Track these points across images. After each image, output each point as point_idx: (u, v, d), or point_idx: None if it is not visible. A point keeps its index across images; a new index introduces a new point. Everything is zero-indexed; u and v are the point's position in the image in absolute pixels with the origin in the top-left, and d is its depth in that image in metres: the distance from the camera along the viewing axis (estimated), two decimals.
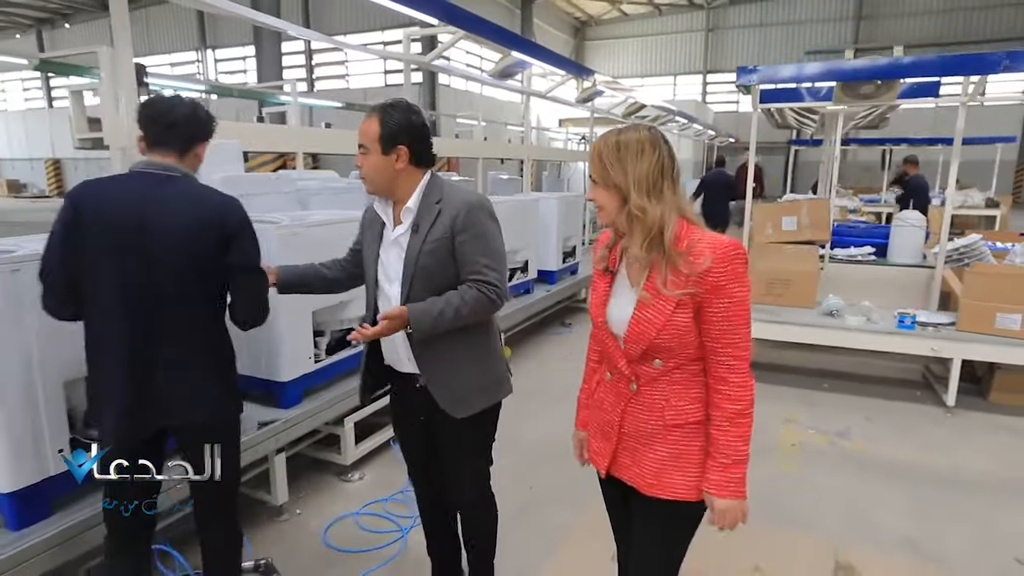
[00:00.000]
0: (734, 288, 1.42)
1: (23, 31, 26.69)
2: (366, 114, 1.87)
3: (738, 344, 1.45)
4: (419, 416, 2.04)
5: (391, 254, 1.93)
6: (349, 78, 21.58)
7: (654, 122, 12.12)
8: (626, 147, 1.46)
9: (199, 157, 1.89)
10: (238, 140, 4.86)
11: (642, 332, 1.48)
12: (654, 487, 1.54)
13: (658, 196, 1.45)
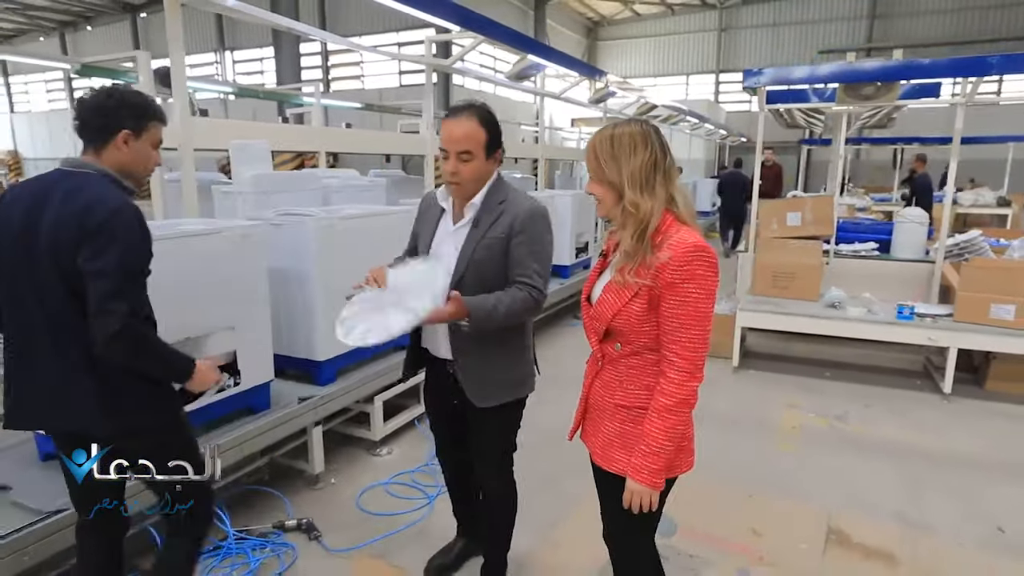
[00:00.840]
0: (688, 288, 1.45)
1: (47, 34, 27.26)
2: (454, 118, 1.88)
3: (684, 343, 1.48)
4: (451, 399, 2.13)
5: (446, 245, 2.01)
6: (364, 79, 21.88)
7: (665, 122, 12.31)
8: (619, 143, 1.50)
9: (131, 148, 1.73)
10: (266, 140, 5.16)
11: (602, 313, 1.59)
12: (600, 458, 1.69)
13: (651, 191, 1.51)
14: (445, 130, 1.90)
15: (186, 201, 3.41)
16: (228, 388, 2.73)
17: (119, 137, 1.71)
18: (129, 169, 1.76)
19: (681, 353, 1.48)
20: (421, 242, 2.11)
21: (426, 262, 1.97)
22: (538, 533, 2.84)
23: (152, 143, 1.79)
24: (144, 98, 1.79)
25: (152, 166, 1.83)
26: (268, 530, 2.76)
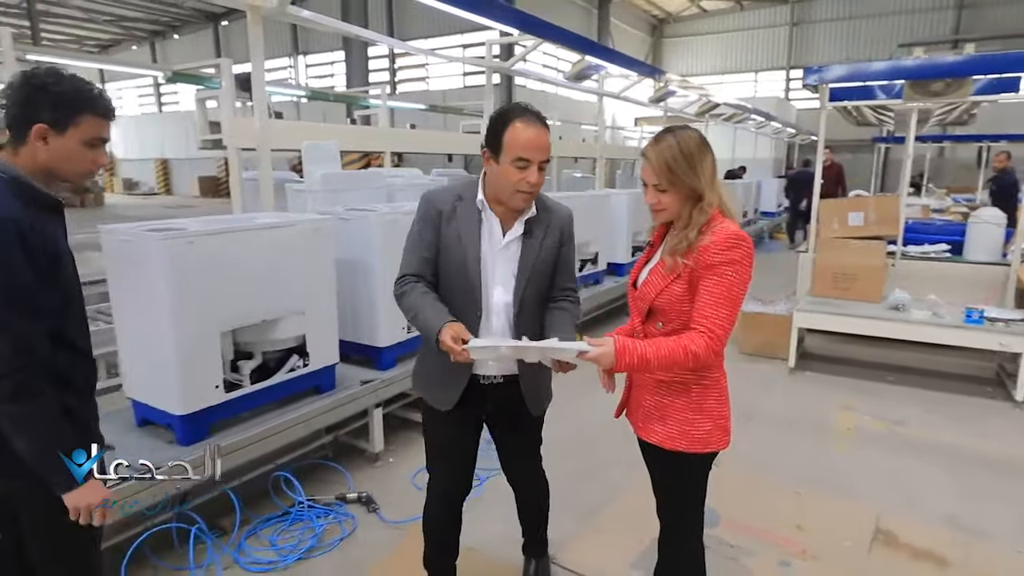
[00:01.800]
0: (726, 270, 1.59)
1: (139, 43, 29.21)
2: (537, 125, 1.74)
3: (714, 319, 1.58)
4: (480, 414, 2.06)
5: (500, 258, 1.86)
6: (429, 80, 22.41)
7: (728, 121, 12.11)
8: (689, 152, 1.62)
9: (52, 146, 1.43)
10: (335, 141, 5.47)
11: (646, 293, 1.73)
12: (640, 429, 1.82)
13: (715, 189, 1.66)
14: (531, 137, 1.71)
15: (263, 197, 3.70)
16: (298, 368, 2.98)
17: (35, 132, 1.41)
18: (53, 170, 1.46)
19: (710, 327, 1.58)
20: (468, 256, 1.83)
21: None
22: (582, 518, 2.96)
23: (84, 140, 1.46)
24: (74, 85, 1.44)
25: (89, 167, 1.51)
26: (332, 501, 2.99)
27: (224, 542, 2.65)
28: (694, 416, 1.72)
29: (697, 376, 1.71)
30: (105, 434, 2.65)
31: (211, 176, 25.10)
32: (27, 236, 1.37)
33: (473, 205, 1.86)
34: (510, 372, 1.96)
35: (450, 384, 1.93)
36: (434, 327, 1.72)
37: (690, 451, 1.72)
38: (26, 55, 5.83)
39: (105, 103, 1.50)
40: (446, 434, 2.06)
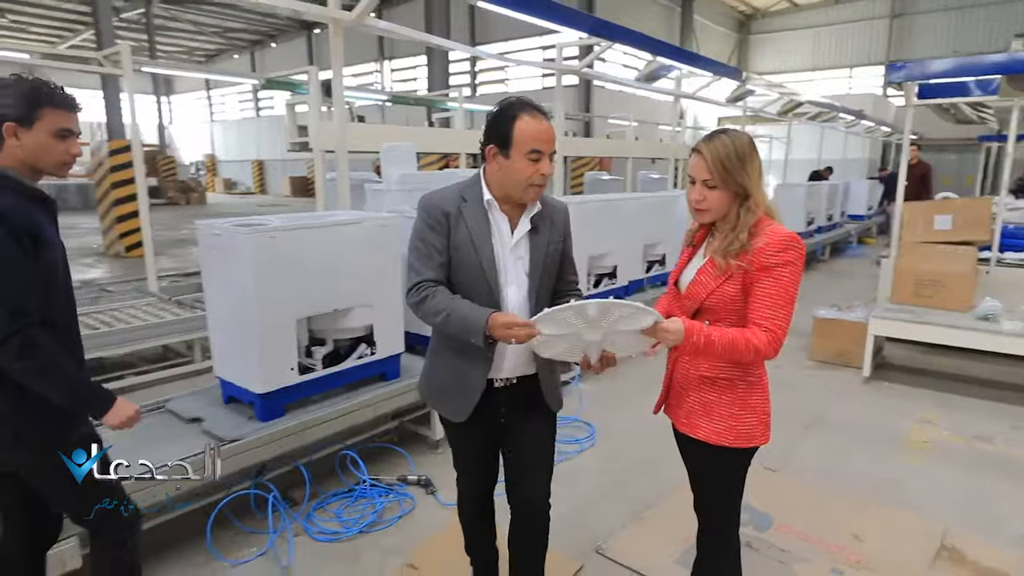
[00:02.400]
0: (782, 271, 1.63)
1: (239, 52, 31.23)
2: (542, 117, 1.74)
3: (773, 319, 1.63)
4: (499, 419, 1.96)
5: (511, 257, 1.84)
6: (508, 82, 22.71)
7: (815, 119, 11.60)
8: (743, 151, 1.66)
9: (24, 140, 1.62)
10: (412, 143, 5.73)
11: (696, 293, 1.75)
12: (684, 426, 1.84)
13: (762, 190, 1.71)
14: (539, 129, 1.72)
15: (340, 196, 3.97)
16: (366, 356, 3.20)
17: (6, 129, 1.60)
18: (33, 164, 1.65)
19: (771, 328, 1.62)
20: (482, 257, 1.80)
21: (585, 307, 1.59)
22: (630, 511, 3.01)
23: (51, 132, 1.64)
24: (32, 84, 1.63)
25: (64, 157, 1.69)
26: (393, 481, 3.19)
27: (295, 511, 2.89)
28: (739, 412, 1.76)
29: (743, 373, 1.75)
30: (195, 408, 2.98)
31: (301, 176, 26.51)
32: (12, 223, 1.55)
33: (479, 205, 1.83)
34: (525, 372, 1.92)
35: (464, 393, 1.87)
36: (480, 317, 1.68)
37: (735, 446, 1.76)
38: (142, 67, 6.45)
39: (62, 97, 1.66)
40: (466, 446, 2.03)
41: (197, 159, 32.48)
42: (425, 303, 1.77)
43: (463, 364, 1.87)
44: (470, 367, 1.86)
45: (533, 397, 1.95)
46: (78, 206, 19.23)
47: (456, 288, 1.83)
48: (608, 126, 16.66)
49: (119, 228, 10.14)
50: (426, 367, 2.03)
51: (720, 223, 1.75)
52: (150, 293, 5.55)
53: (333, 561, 2.63)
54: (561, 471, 3.34)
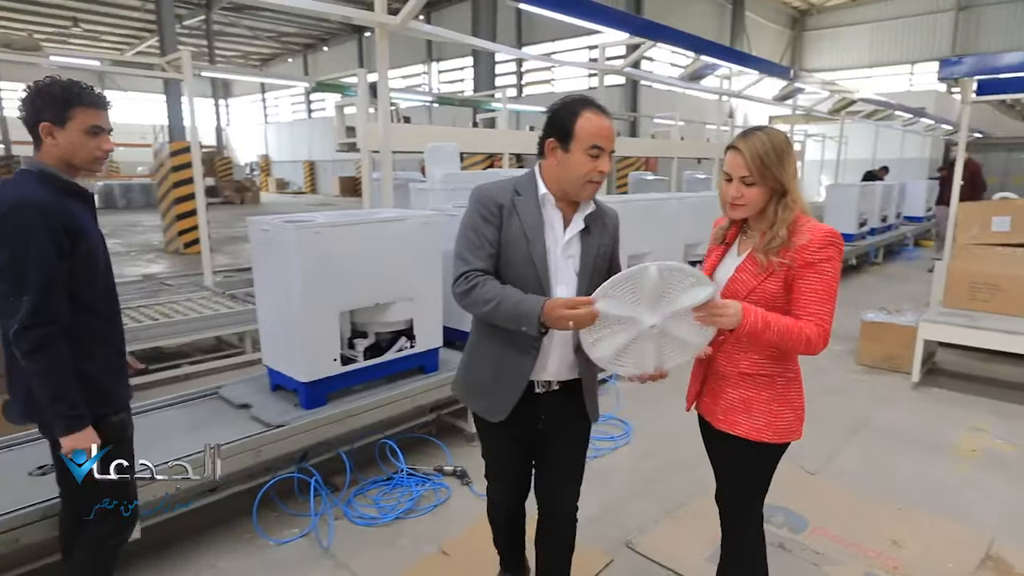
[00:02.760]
0: (825, 267, 1.66)
1: (293, 56, 32.20)
2: (604, 114, 1.74)
3: (820, 314, 1.66)
4: (537, 425, 1.92)
5: (562, 254, 1.81)
6: (554, 83, 22.73)
7: (869, 118, 11.24)
8: (780, 148, 1.68)
9: (59, 139, 1.72)
10: (455, 143, 5.84)
11: (736, 290, 1.74)
12: (721, 422, 1.83)
13: (797, 187, 1.74)
14: (604, 125, 1.72)
15: (383, 195, 4.10)
16: (406, 349, 3.30)
17: (42, 130, 1.71)
18: (69, 160, 1.76)
19: (819, 321, 1.65)
20: (533, 252, 1.77)
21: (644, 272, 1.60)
22: (664, 508, 3.02)
23: (83, 129, 1.74)
24: (63, 86, 1.72)
25: (95, 153, 1.78)
26: (430, 471, 3.28)
27: (336, 496, 3.01)
28: (779, 408, 1.77)
29: (782, 368, 1.77)
30: (245, 395, 3.13)
31: (350, 176, 27.13)
32: (49, 216, 1.65)
33: (534, 200, 1.80)
34: (569, 376, 1.88)
35: (503, 392, 1.83)
36: (536, 303, 1.64)
37: (774, 442, 1.78)
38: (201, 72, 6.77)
39: (91, 96, 1.75)
40: (501, 450, 1.98)
41: (252, 160, 33.62)
42: (474, 291, 1.72)
43: (506, 357, 1.82)
44: (514, 361, 1.81)
45: (575, 405, 1.92)
46: (142, 205, 20.21)
47: (504, 283, 1.77)
48: (654, 126, 16.50)
49: (178, 226, 10.62)
50: (464, 362, 2.00)
51: (754, 220, 1.77)
52: (205, 287, 5.83)
53: (370, 544, 2.73)
54: (594, 468, 3.40)
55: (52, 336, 1.67)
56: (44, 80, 1.74)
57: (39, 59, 5.05)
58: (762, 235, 1.73)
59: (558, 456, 1.98)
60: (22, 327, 1.64)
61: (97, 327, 1.82)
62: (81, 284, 1.75)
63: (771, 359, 1.76)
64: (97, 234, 1.85)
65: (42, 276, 1.65)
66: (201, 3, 23.71)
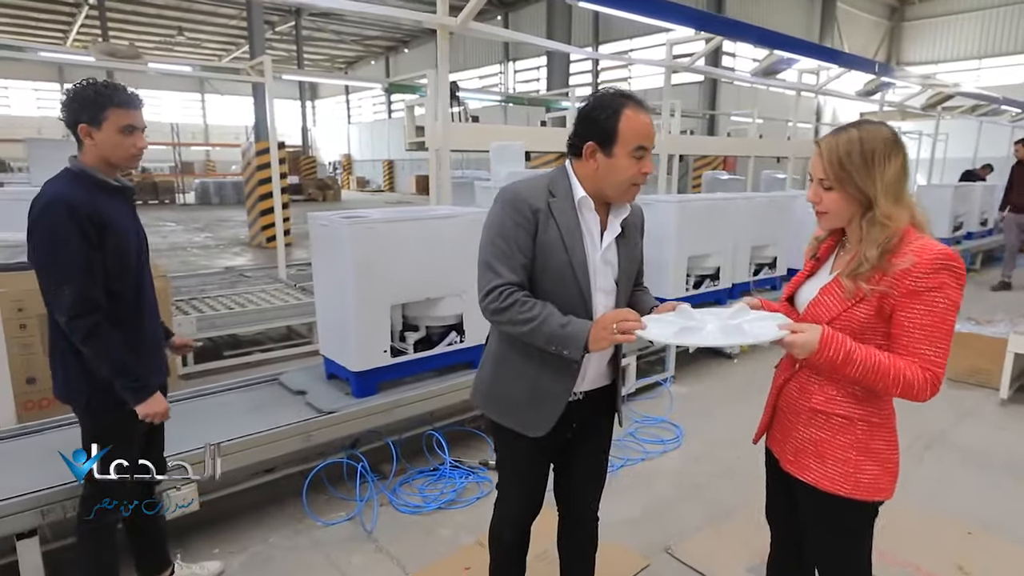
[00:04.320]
0: (935, 297, 1.34)
1: (376, 58, 33.31)
2: (647, 112, 1.61)
3: (929, 356, 1.36)
4: (567, 434, 1.83)
5: (600, 261, 1.68)
6: (631, 80, 22.40)
7: (971, 112, 10.43)
8: (869, 150, 1.38)
9: (96, 139, 1.82)
10: (522, 142, 5.89)
11: (817, 315, 1.49)
12: (792, 464, 1.57)
13: (901, 201, 1.40)
14: (645, 123, 1.58)
15: (442, 192, 4.19)
16: (455, 344, 3.36)
17: (81, 131, 1.80)
18: (107, 159, 1.85)
19: (928, 364, 1.36)
20: (573, 260, 1.63)
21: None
22: (708, 515, 2.94)
23: (117, 129, 1.82)
24: (96, 88, 1.80)
25: (131, 151, 1.87)
26: (475, 465, 3.33)
27: (382, 483, 3.11)
28: (858, 457, 1.47)
29: (865, 411, 1.47)
30: (302, 382, 3.28)
31: (425, 175, 27.75)
32: (76, 212, 1.74)
33: (570, 203, 1.64)
34: (600, 384, 1.81)
35: (546, 405, 1.71)
36: (581, 329, 1.53)
37: (851, 496, 1.48)
38: (282, 75, 7.13)
39: (123, 95, 1.83)
40: (526, 461, 1.85)
41: (335, 159, 35.05)
42: (511, 309, 1.56)
43: (544, 374, 1.69)
44: (553, 378, 1.68)
45: (605, 410, 1.87)
46: (234, 201, 21.49)
47: (539, 295, 1.63)
48: (732, 124, 15.97)
49: (261, 221, 11.23)
50: (488, 375, 1.82)
51: (849, 233, 1.51)
52: (279, 280, 6.15)
53: (412, 532, 2.81)
54: (639, 471, 3.36)
55: (99, 322, 1.80)
56: (80, 83, 1.83)
57: (139, 66, 5.46)
58: (852, 255, 1.46)
59: (584, 463, 1.91)
60: (70, 317, 1.76)
61: (122, 316, 1.90)
62: (110, 275, 1.85)
63: (852, 397, 1.47)
64: (132, 228, 1.95)
65: (79, 267, 1.76)
66: (291, 10, 24.92)
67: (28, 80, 29.18)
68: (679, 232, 4.61)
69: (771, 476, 1.76)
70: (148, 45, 27.10)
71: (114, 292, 1.86)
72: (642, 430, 3.82)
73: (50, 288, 1.78)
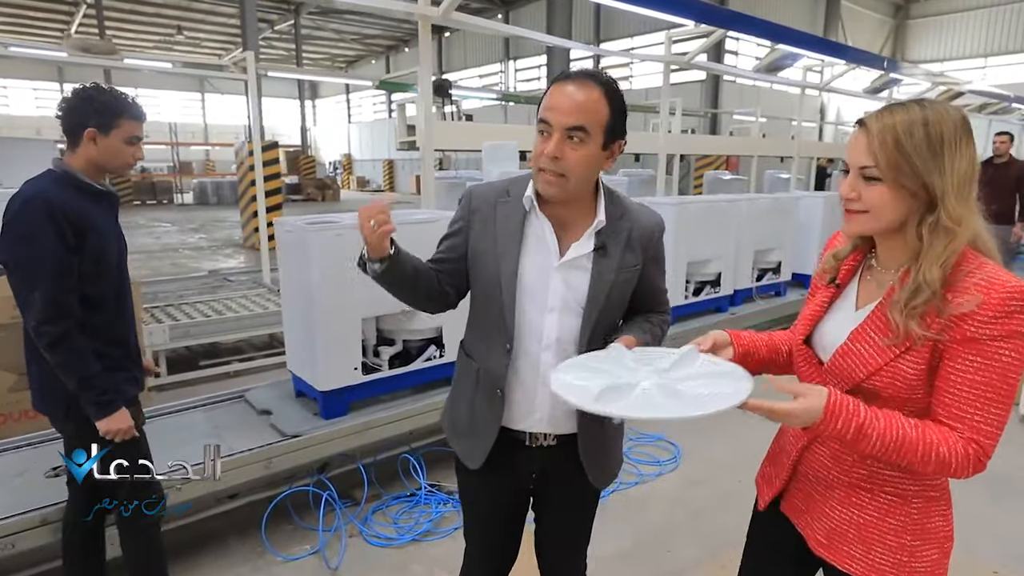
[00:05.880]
0: (1001, 348, 1.01)
1: (376, 58, 33.09)
2: (568, 81, 1.30)
3: (976, 424, 1.03)
4: (527, 483, 1.56)
5: (557, 276, 1.39)
6: (632, 79, 22.15)
7: (980, 111, 10.17)
8: (940, 133, 1.03)
9: (101, 145, 1.78)
10: (516, 141, 5.65)
11: (849, 368, 1.13)
12: (822, 547, 1.23)
13: (971, 204, 1.07)
14: (552, 95, 1.31)
15: (426, 194, 3.95)
16: (434, 359, 3.13)
17: (86, 135, 1.76)
18: (102, 165, 1.82)
19: (976, 434, 1.03)
20: (503, 266, 1.39)
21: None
22: (709, 549, 2.70)
23: (124, 138, 1.81)
24: (112, 96, 1.80)
25: (129, 160, 1.86)
26: (453, 489, 3.07)
27: (353, 512, 2.87)
28: (914, 542, 1.16)
29: (920, 485, 1.16)
30: (268, 401, 3.05)
31: None
32: (54, 211, 1.67)
33: (519, 203, 1.40)
34: (566, 430, 1.47)
35: (478, 436, 1.49)
36: None
37: None
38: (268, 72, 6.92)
39: (137, 108, 1.84)
40: (482, 504, 1.61)
41: (336, 158, 34.84)
42: None
43: (479, 399, 1.48)
44: (485, 406, 1.46)
45: (574, 467, 1.49)
46: (231, 201, 21.28)
47: (474, 306, 1.51)
48: (735, 123, 15.72)
49: (255, 222, 10.99)
50: (449, 394, 1.66)
51: (886, 246, 1.15)
52: (263, 284, 5.92)
53: (381, 569, 2.57)
54: (633, 496, 3.12)
55: (70, 329, 1.71)
56: (91, 87, 1.80)
57: (114, 62, 5.25)
58: (902, 277, 1.08)
59: (557, 521, 1.63)
60: (38, 322, 1.68)
61: (102, 323, 1.83)
62: (88, 280, 1.77)
63: (902, 471, 1.15)
64: (113, 234, 1.88)
65: (53, 271, 1.69)
66: (290, 8, 24.71)
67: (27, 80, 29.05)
68: (677, 236, 4.35)
69: (777, 548, 1.39)
70: (147, 44, 26.94)
71: (93, 297, 1.80)
72: (636, 449, 3.58)
73: (20, 291, 1.72)
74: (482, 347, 1.48)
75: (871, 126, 1.07)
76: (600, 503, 1.68)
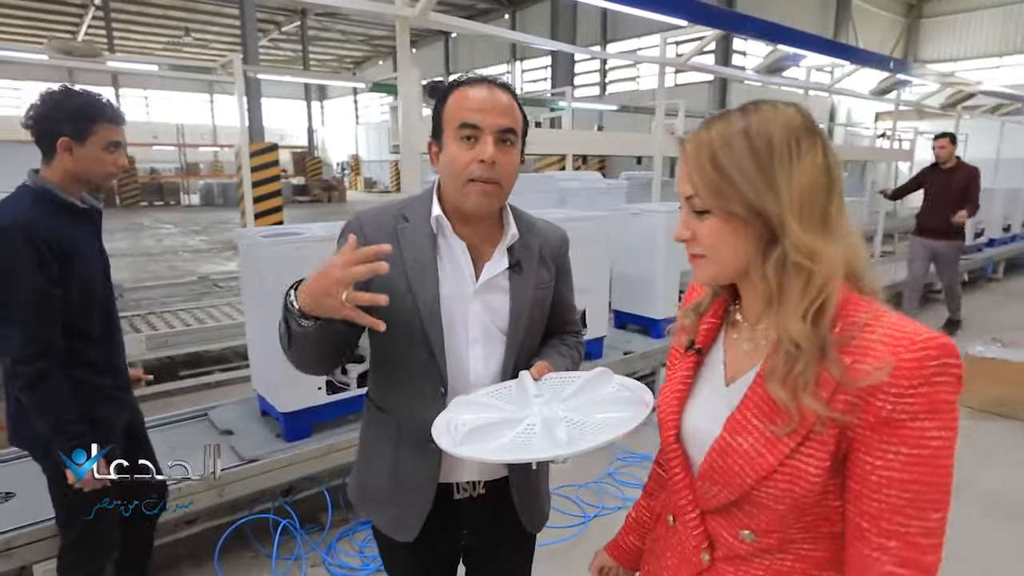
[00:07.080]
0: (926, 429, 0.72)
1: (384, 58, 33.06)
2: (482, 84, 1.19)
3: (912, 535, 0.74)
4: (459, 541, 1.40)
5: (475, 303, 1.25)
6: (639, 80, 21.96)
7: (993, 112, 9.87)
8: (767, 143, 0.79)
9: (77, 155, 1.63)
10: None
11: (730, 472, 0.83)
12: None
13: (830, 228, 0.80)
14: (468, 97, 1.17)
15: None
16: None
17: (60, 144, 1.60)
18: (81, 176, 1.66)
19: (907, 555, 0.75)
20: (406, 304, 1.20)
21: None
22: None
23: (102, 145, 1.65)
24: (86, 99, 1.63)
25: (111, 169, 1.69)
26: None
27: (317, 538, 2.73)
28: None
29: None
30: (231, 421, 2.92)
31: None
32: (36, 239, 1.53)
33: (425, 225, 1.23)
34: (494, 475, 1.32)
35: (407, 502, 1.29)
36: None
37: None
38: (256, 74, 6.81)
39: (113, 110, 1.67)
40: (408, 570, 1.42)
41: (343, 159, 34.86)
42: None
43: (404, 455, 1.28)
44: (414, 462, 1.27)
45: (506, 514, 1.34)
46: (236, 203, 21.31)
47: (379, 349, 1.29)
48: None
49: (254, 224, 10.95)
50: (357, 457, 1.44)
51: (749, 292, 0.89)
52: None
53: None
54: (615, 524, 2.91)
55: (48, 369, 1.59)
56: (60, 90, 1.63)
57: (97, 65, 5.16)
58: (773, 344, 0.82)
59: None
60: (15, 361, 1.56)
61: (90, 356, 1.73)
62: (75, 312, 1.66)
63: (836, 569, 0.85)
64: (95, 255, 1.77)
65: (32, 305, 1.56)
66: (297, 10, 24.71)
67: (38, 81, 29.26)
68: (668, 244, 4.16)
69: None
70: (155, 46, 27.05)
71: (80, 330, 1.68)
72: (622, 470, 3.41)
73: None
74: (401, 396, 1.28)
75: (687, 146, 0.85)
76: (578, 531, 1.51)
